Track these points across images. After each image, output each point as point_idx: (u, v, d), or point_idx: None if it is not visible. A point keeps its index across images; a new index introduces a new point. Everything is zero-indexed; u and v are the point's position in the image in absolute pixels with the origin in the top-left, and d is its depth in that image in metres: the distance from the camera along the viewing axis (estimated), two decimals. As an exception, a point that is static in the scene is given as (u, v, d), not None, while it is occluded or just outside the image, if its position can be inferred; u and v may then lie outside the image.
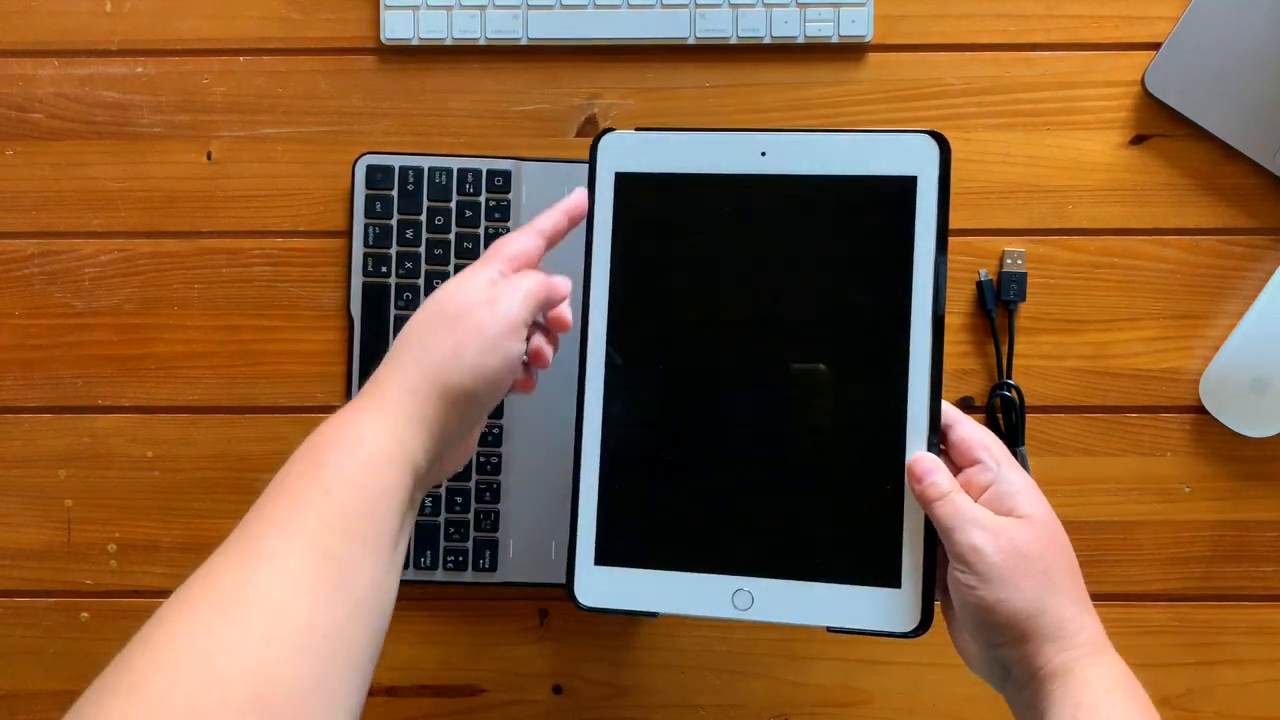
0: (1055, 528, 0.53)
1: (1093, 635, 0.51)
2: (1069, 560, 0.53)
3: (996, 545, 0.50)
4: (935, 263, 0.54)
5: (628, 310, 0.59)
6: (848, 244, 0.57)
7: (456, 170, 0.69)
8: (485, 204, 0.69)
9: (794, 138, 0.57)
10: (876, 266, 0.56)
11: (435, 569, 0.69)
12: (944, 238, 0.54)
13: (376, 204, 0.69)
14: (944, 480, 0.52)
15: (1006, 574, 0.50)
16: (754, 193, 0.58)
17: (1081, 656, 0.50)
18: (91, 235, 0.71)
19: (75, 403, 0.71)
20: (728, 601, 0.55)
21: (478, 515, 0.69)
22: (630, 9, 0.69)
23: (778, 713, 0.71)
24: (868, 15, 0.69)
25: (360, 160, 0.69)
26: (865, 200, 0.56)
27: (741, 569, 0.55)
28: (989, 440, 0.54)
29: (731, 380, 0.58)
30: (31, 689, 0.71)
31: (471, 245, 0.69)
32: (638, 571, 0.57)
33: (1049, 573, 0.51)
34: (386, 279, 0.69)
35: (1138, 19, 0.70)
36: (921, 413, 0.54)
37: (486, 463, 0.69)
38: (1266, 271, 0.69)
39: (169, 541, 0.71)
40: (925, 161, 0.55)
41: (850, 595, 0.54)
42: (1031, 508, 0.52)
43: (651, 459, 0.58)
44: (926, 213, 0.54)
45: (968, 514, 0.51)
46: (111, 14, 0.71)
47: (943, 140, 0.54)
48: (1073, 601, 0.52)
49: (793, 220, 0.58)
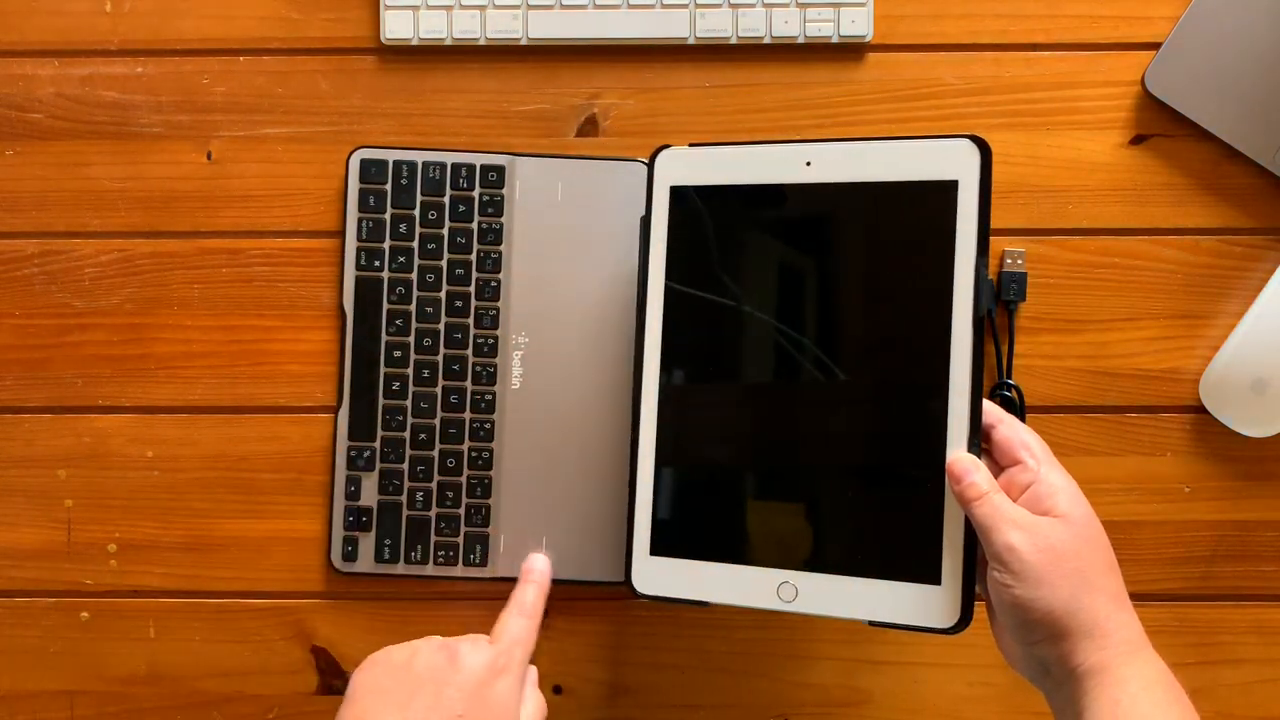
0: (1093, 527, 0.54)
1: (1130, 634, 0.52)
2: (1106, 559, 0.53)
3: (1032, 544, 0.51)
4: (976, 265, 0.55)
5: (681, 318, 0.62)
6: (891, 249, 0.59)
7: (450, 165, 0.69)
8: (479, 198, 0.69)
9: (838, 147, 0.59)
10: (919, 270, 0.57)
11: (426, 563, 0.69)
12: (985, 240, 0.55)
13: (370, 198, 0.69)
14: (982, 480, 0.53)
15: (1042, 573, 0.51)
16: (800, 202, 0.60)
17: (1119, 654, 0.51)
18: (91, 235, 0.71)
19: (75, 403, 0.71)
20: (773, 593, 0.58)
21: (469, 510, 0.69)
22: (630, 9, 0.69)
23: (778, 713, 0.71)
24: (868, 15, 0.69)
25: (354, 154, 0.69)
26: (908, 205, 0.57)
27: (786, 563, 0.58)
28: (1031, 440, 0.55)
29: (779, 384, 0.61)
30: (31, 689, 0.71)
31: (465, 240, 0.69)
32: (689, 563, 0.60)
33: (1084, 571, 0.52)
34: (380, 273, 0.69)
35: (1138, 19, 0.70)
36: (962, 413, 0.55)
37: (478, 458, 0.69)
38: (1266, 271, 0.69)
39: (169, 541, 0.71)
40: (966, 166, 0.56)
41: (891, 591, 0.56)
42: (1070, 507, 0.53)
43: (703, 457, 0.61)
44: (967, 216, 0.55)
45: (1005, 514, 0.52)
46: (111, 14, 0.71)
47: (983, 145, 0.55)
48: (1109, 600, 0.52)
49: (837, 227, 0.60)
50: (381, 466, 0.68)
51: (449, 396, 0.68)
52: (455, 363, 0.69)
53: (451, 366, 0.68)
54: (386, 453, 0.68)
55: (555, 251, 0.69)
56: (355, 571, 0.69)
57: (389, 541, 0.69)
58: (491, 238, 0.69)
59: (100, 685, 0.71)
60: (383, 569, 0.69)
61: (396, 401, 0.68)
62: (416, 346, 0.68)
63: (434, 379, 0.68)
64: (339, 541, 0.69)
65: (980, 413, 0.55)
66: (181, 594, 0.71)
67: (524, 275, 0.69)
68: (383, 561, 0.69)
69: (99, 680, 0.71)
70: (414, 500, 0.68)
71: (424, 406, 0.68)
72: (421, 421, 0.68)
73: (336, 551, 0.69)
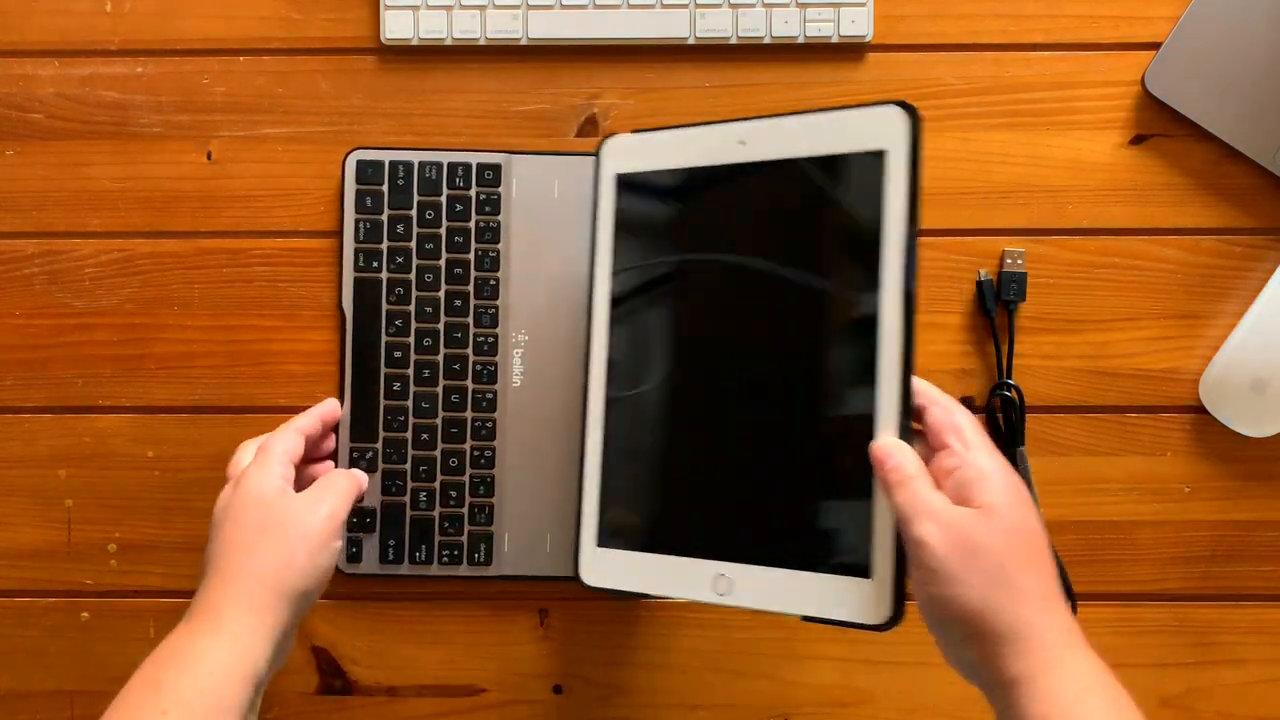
0: (1017, 518, 0.49)
1: (1054, 638, 0.48)
2: (1031, 555, 0.49)
3: (945, 538, 0.48)
4: (905, 237, 0.52)
5: (624, 306, 0.61)
6: (823, 225, 0.57)
7: (446, 164, 0.69)
8: (476, 197, 0.69)
9: (769, 123, 0.57)
10: (850, 246, 0.55)
11: (430, 563, 0.69)
12: (914, 211, 0.52)
13: (367, 199, 0.69)
14: (907, 465, 0.50)
15: (954, 569, 0.48)
16: (736, 182, 0.59)
17: (1045, 662, 0.47)
18: (91, 235, 0.71)
19: (75, 403, 0.71)
20: (709, 586, 0.56)
21: (472, 509, 0.69)
22: (630, 9, 0.69)
23: (778, 713, 0.71)
24: (868, 15, 0.69)
25: (350, 156, 0.69)
26: (839, 179, 0.55)
27: (723, 554, 0.56)
28: (962, 422, 0.52)
29: (714, 370, 0.59)
30: (31, 689, 0.71)
31: (462, 239, 0.69)
32: (632, 554, 0.59)
33: (1003, 569, 0.48)
34: (378, 274, 0.69)
35: (1138, 19, 0.70)
36: (892, 395, 0.52)
37: (480, 456, 0.68)
38: (1266, 271, 0.69)
39: (169, 541, 0.71)
40: (894, 134, 0.53)
41: (822, 584, 0.53)
42: (991, 497, 0.49)
43: (644, 448, 0.60)
44: (897, 186, 0.53)
45: (921, 504, 0.49)
46: (111, 14, 0.71)
47: (911, 110, 0.53)
48: (1029, 600, 0.48)
49: (772, 206, 0.58)
50: (384, 467, 0.68)
51: (450, 396, 0.68)
52: (456, 362, 0.68)
53: (452, 366, 0.68)
54: (389, 453, 0.68)
55: (553, 248, 0.69)
56: (360, 573, 0.69)
57: (393, 542, 0.68)
58: (489, 236, 0.69)
59: (100, 685, 0.71)
60: (387, 569, 0.69)
61: (398, 402, 0.68)
62: (416, 346, 0.68)
63: (435, 379, 0.68)
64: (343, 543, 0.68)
65: (910, 394, 0.51)
66: (181, 594, 0.71)
67: (522, 273, 0.69)
68: (387, 562, 0.69)
69: (99, 680, 0.71)
70: (417, 500, 0.68)
71: (425, 406, 0.68)
72: (423, 421, 0.68)
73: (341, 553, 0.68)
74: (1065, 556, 0.69)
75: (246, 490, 0.58)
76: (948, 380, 0.70)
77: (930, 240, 0.70)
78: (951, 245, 0.70)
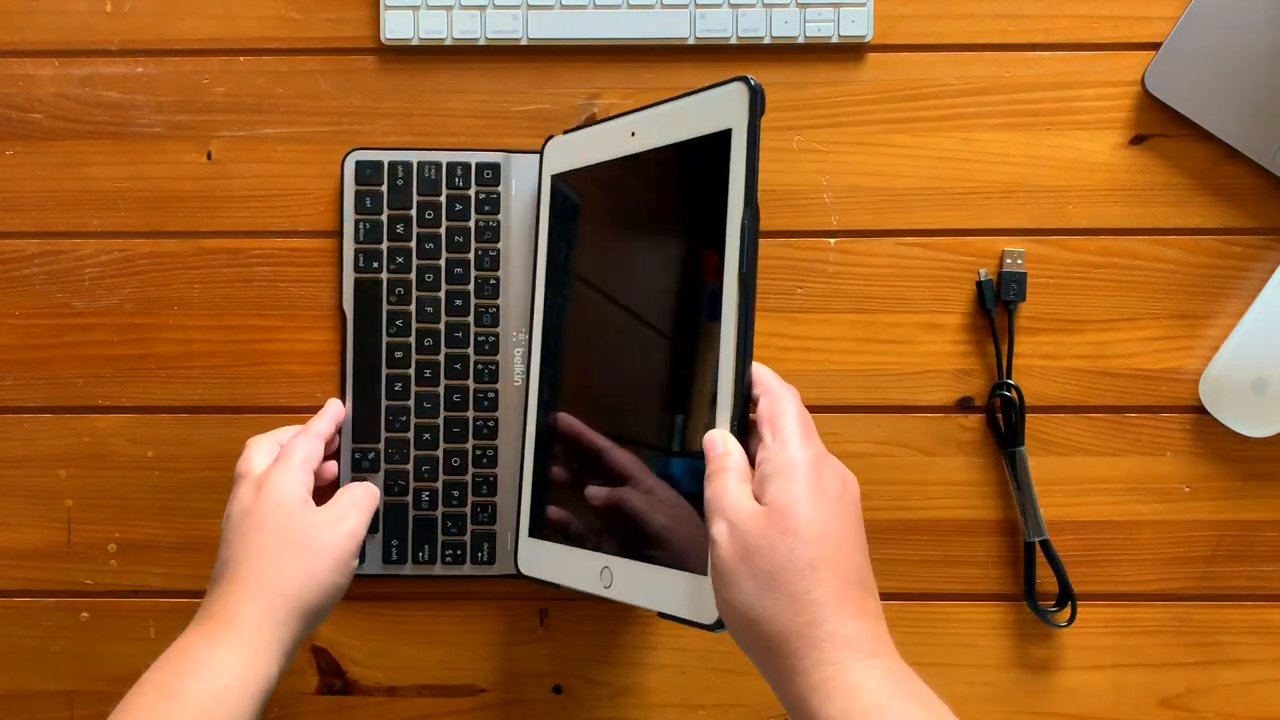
0: (807, 518, 0.45)
1: (834, 653, 0.44)
2: (812, 559, 0.45)
3: (728, 537, 0.46)
4: (743, 219, 0.51)
5: (549, 307, 0.64)
6: (682, 212, 0.57)
7: (445, 164, 0.69)
8: (475, 197, 0.69)
9: (651, 112, 0.59)
10: (698, 232, 0.55)
11: (434, 563, 0.69)
12: (752, 191, 0.51)
13: (366, 200, 0.69)
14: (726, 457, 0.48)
15: (731, 570, 0.45)
16: (622, 173, 0.60)
17: (822, 683, 0.43)
18: (91, 235, 0.71)
19: (75, 403, 0.71)
20: (596, 578, 0.58)
21: (474, 508, 0.69)
22: (630, 9, 0.69)
23: (778, 713, 0.71)
24: (868, 15, 0.69)
25: (349, 156, 0.69)
26: (695, 162, 0.55)
27: (605, 548, 0.58)
28: (783, 412, 0.49)
29: (596, 364, 0.62)
30: (31, 689, 0.71)
31: (462, 239, 0.69)
32: (551, 545, 0.62)
33: (773, 573, 0.44)
34: (378, 274, 0.69)
35: (1138, 19, 0.70)
36: (727, 383, 0.51)
37: (483, 455, 0.68)
38: (1266, 271, 0.69)
39: (169, 541, 0.71)
40: (737, 112, 0.52)
41: (674, 581, 0.53)
42: (776, 494, 0.46)
43: (554, 441, 0.63)
44: (737, 166, 0.52)
45: (723, 500, 0.47)
46: (111, 14, 0.71)
47: (752, 86, 0.52)
48: (801, 609, 0.44)
49: (651, 196, 0.59)
50: (386, 467, 0.68)
51: (451, 395, 0.68)
52: (457, 361, 0.68)
53: (453, 365, 0.68)
54: (391, 454, 0.68)
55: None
56: (363, 574, 0.68)
57: (396, 542, 0.68)
58: (489, 235, 0.69)
59: (100, 685, 0.71)
60: (391, 570, 0.69)
61: (399, 402, 0.68)
62: (418, 346, 0.68)
63: (436, 378, 0.68)
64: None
65: (745, 382, 0.50)
66: (181, 594, 0.71)
67: (522, 272, 0.69)
68: (390, 563, 0.68)
69: (99, 680, 0.71)
70: (420, 500, 0.68)
71: (427, 406, 0.68)
72: (425, 421, 0.68)
73: None
74: (1065, 556, 0.69)
75: (270, 497, 0.57)
76: (947, 380, 0.70)
77: (930, 240, 0.70)
78: (951, 245, 0.70)
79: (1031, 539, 0.68)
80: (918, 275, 0.70)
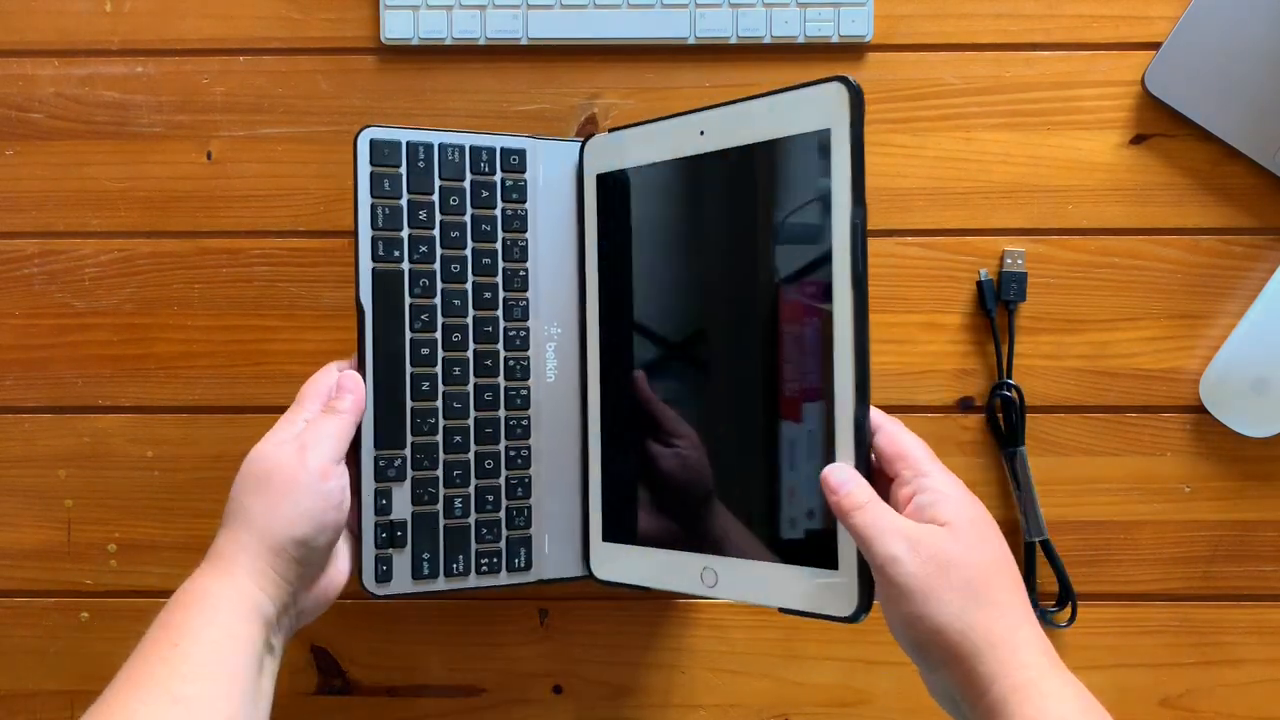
0: (982, 534, 0.49)
1: (1032, 658, 0.47)
2: (1000, 570, 0.49)
3: (915, 554, 0.47)
4: (853, 218, 0.51)
5: (611, 308, 0.63)
6: (779, 213, 0.56)
7: (469, 147, 0.63)
8: (501, 183, 0.64)
9: (725, 111, 0.58)
10: (803, 234, 0.54)
11: (467, 574, 0.63)
12: (860, 189, 0.51)
13: (384, 182, 0.61)
14: (859, 492, 0.50)
15: (928, 585, 0.47)
16: (698, 173, 0.59)
17: (1025, 682, 0.46)
18: (91, 235, 0.71)
19: (75, 403, 0.71)
20: (697, 578, 0.58)
21: (509, 513, 0.64)
22: (630, 9, 0.69)
23: (778, 713, 0.71)
24: (868, 15, 0.69)
25: (362, 134, 0.61)
26: (790, 162, 0.55)
27: (708, 548, 0.58)
28: (909, 447, 0.51)
29: (690, 366, 0.61)
30: (31, 689, 0.71)
31: (489, 228, 0.63)
32: (633, 548, 0.61)
33: (974, 583, 0.47)
34: (399, 264, 0.62)
35: (1138, 19, 0.70)
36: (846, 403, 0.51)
37: (516, 456, 0.64)
38: (1266, 271, 0.69)
39: (169, 541, 0.71)
40: (837, 112, 0.52)
41: (795, 577, 0.54)
42: (953, 513, 0.49)
43: (637, 444, 0.62)
44: (841, 166, 0.52)
45: (885, 523, 0.48)
46: (111, 14, 0.71)
47: (852, 85, 0.52)
48: (1004, 616, 0.47)
49: (731, 196, 0.58)
50: (414, 475, 0.62)
51: (482, 394, 0.63)
52: (487, 358, 0.63)
53: (484, 362, 0.63)
54: (418, 459, 0.62)
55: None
56: (392, 594, 0.61)
57: (427, 555, 0.62)
58: (517, 225, 0.64)
59: (100, 685, 0.71)
60: (422, 586, 0.62)
61: (426, 403, 0.62)
62: (444, 342, 0.62)
63: (465, 376, 0.63)
64: (370, 561, 0.61)
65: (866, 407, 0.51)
66: (181, 594, 0.71)
67: (551, 263, 0.65)
68: (421, 578, 0.62)
69: (99, 680, 0.71)
70: (451, 508, 0.62)
71: (457, 407, 0.62)
72: (454, 423, 0.62)
73: (369, 573, 0.60)
74: (1065, 556, 0.69)
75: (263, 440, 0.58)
76: (948, 380, 0.70)
77: (930, 240, 0.70)
78: (951, 245, 0.70)
79: (1032, 539, 0.69)
80: (918, 275, 0.70)
